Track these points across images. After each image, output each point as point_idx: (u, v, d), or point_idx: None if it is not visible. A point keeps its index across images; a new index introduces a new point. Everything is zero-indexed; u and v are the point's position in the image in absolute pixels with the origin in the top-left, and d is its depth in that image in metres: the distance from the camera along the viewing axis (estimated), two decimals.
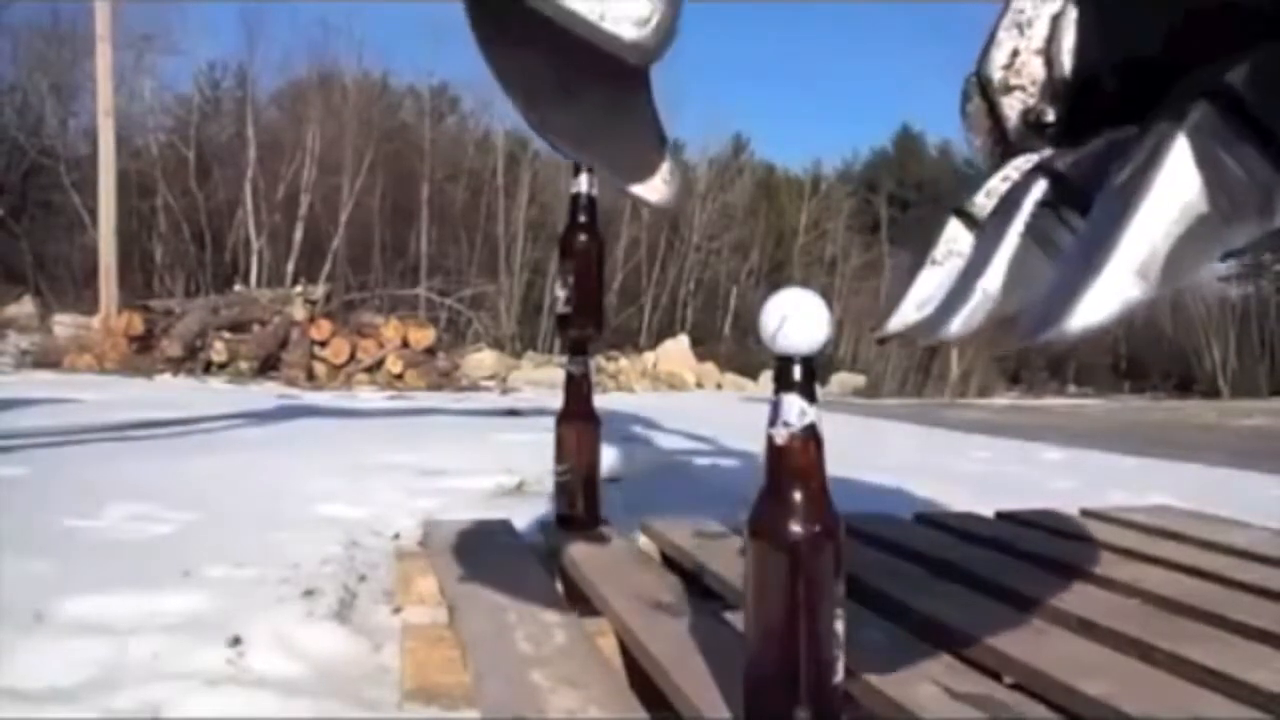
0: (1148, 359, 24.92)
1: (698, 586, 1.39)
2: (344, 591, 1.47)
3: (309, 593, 1.43)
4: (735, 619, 1.15)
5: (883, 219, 26.72)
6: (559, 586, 1.37)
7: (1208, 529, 1.79)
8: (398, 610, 1.40)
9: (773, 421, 0.78)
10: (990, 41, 0.63)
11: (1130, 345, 25.59)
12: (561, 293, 1.73)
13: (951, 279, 0.78)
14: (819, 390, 0.80)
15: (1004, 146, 0.69)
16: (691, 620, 1.18)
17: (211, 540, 1.77)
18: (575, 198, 1.73)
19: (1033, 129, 0.66)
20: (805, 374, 0.78)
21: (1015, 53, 0.63)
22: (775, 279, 21.17)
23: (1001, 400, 15.39)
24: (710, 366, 15.53)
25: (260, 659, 1.17)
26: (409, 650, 1.15)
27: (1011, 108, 0.67)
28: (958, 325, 0.69)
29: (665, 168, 0.72)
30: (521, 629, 1.15)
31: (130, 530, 1.87)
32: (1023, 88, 0.66)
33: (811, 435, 0.78)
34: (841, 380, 16.01)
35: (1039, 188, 0.69)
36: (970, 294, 0.68)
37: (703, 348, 17.21)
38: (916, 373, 15.96)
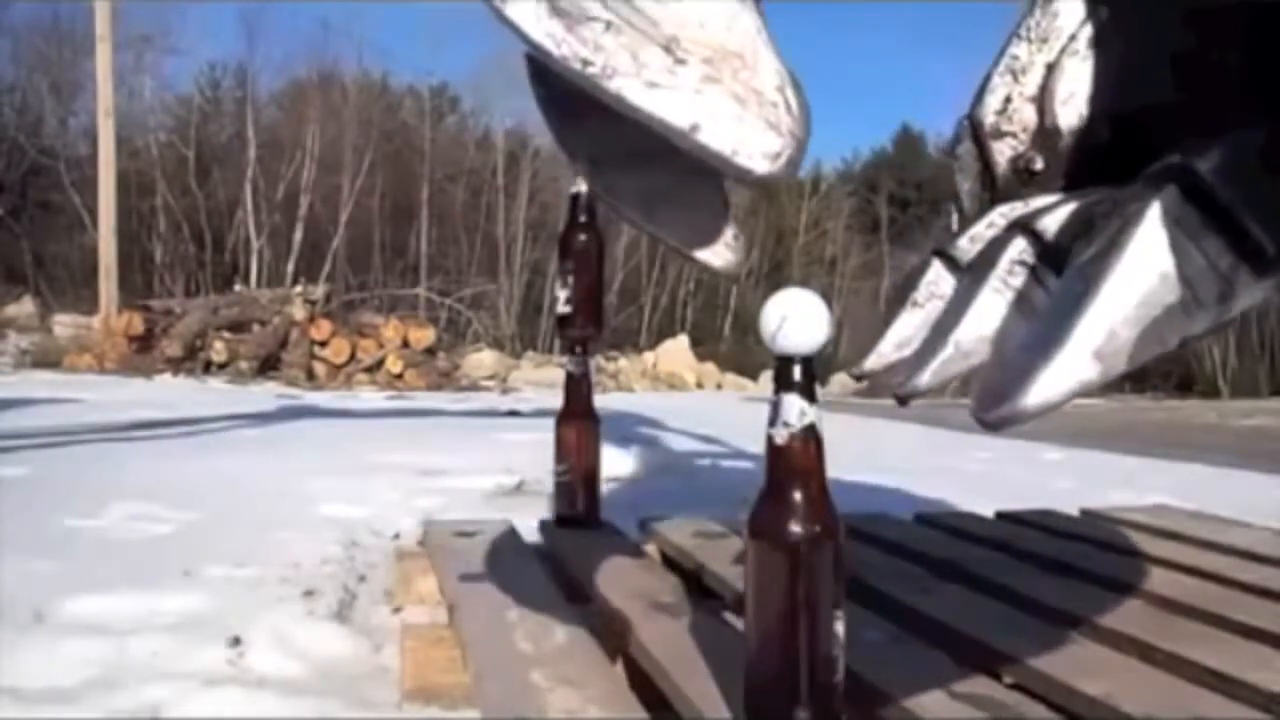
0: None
1: (698, 586, 1.39)
2: (344, 591, 1.47)
3: (309, 593, 1.43)
4: (735, 619, 1.15)
5: (883, 219, 26.73)
6: (559, 586, 1.37)
7: (1208, 529, 1.79)
8: (398, 610, 1.40)
9: (773, 421, 0.78)
10: (984, 86, 0.64)
11: None
12: (561, 293, 1.73)
13: (930, 322, 0.79)
14: (819, 390, 0.80)
15: (992, 191, 0.70)
16: (691, 620, 1.18)
17: (211, 540, 1.77)
18: (575, 198, 1.73)
19: (1021, 176, 0.67)
20: (805, 374, 0.78)
21: (1008, 99, 0.64)
22: (775, 279, 21.17)
23: None
24: (710, 366, 15.52)
25: (260, 659, 1.17)
26: (409, 650, 1.15)
27: (1001, 153, 0.68)
28: (928, 377, 0.70)
29: (729, 232, 0.72)
30: (521, 629, 1.15)
31: (130, 530, 1.87)
32: (1014, 134, 0.67)
33: (812, 435, 0.78)
34: (841, 380, 16.00)
35: (1017, 245, 0.71)
36: (943, 346, 0.69)
37: (703, 348, 17.21)
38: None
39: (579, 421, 1.74)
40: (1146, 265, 0.59)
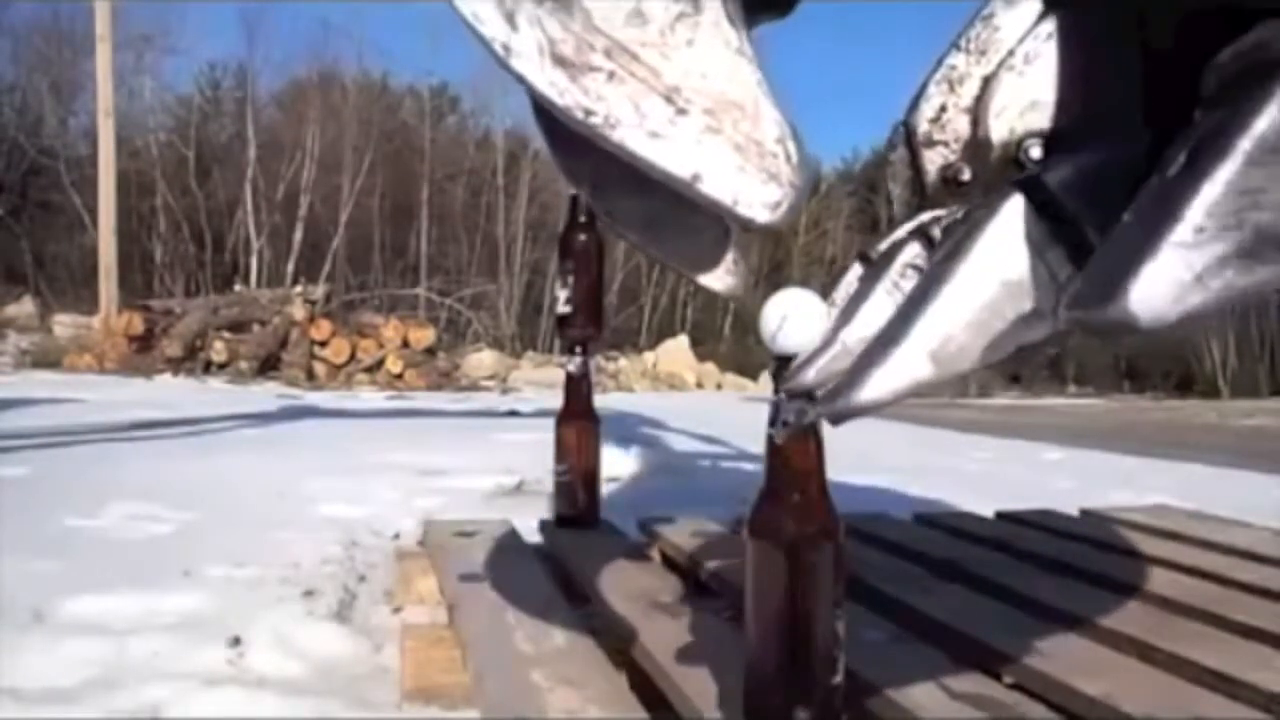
0: (1147, 359, 24.92)
1: (698, 586, 1.39)
2: (344, 591, 1.47)
3: (309, 593, 1.43)
4: (735, 619, 1.15)
5: (883, 219, 26.74)
6: (559, 586, 1.37)
7: (1208, 529, 1.79)
8: (398, 610, 1.40)
9: (773, 421, 0.78)
10: (920, 94, 0.64)
11: (1130, 345, 25.61)
12: (562, 293, 1.74)
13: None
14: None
15: (920, 199, 0.70)
16: (691, 620, 1.18)
17: (211, 540, 1.77)
18: (575, 198, 1.73)
19: (949, 185, 0.68)
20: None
21: (943, 108, 0.64)
22: (775, 279, 21.16)
23: (1001, 400, 15.37)
24: (710, 366, 15.52)
25: (260, 659, 1.17)
26: (409, 650, 1.15)
27: (932, 162, 0.69)
28: (813, 374, 0.71)
29: (730, 257, 0.73)
30: (521, 629, 1.15)
31: (130, 530, 1.87)
32: (946, 143, 0.68)
33: (811, 435, 0.78)
34: None
35: (911, 249, 0.73)
36: (832, 344, 0.71)
37: (703, 348, 17.20)
38: None
39: (579, 421, 1.74)
40: (986, 272, 0.62)
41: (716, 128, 0.57)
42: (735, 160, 0.57)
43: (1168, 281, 0.51)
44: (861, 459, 3.20)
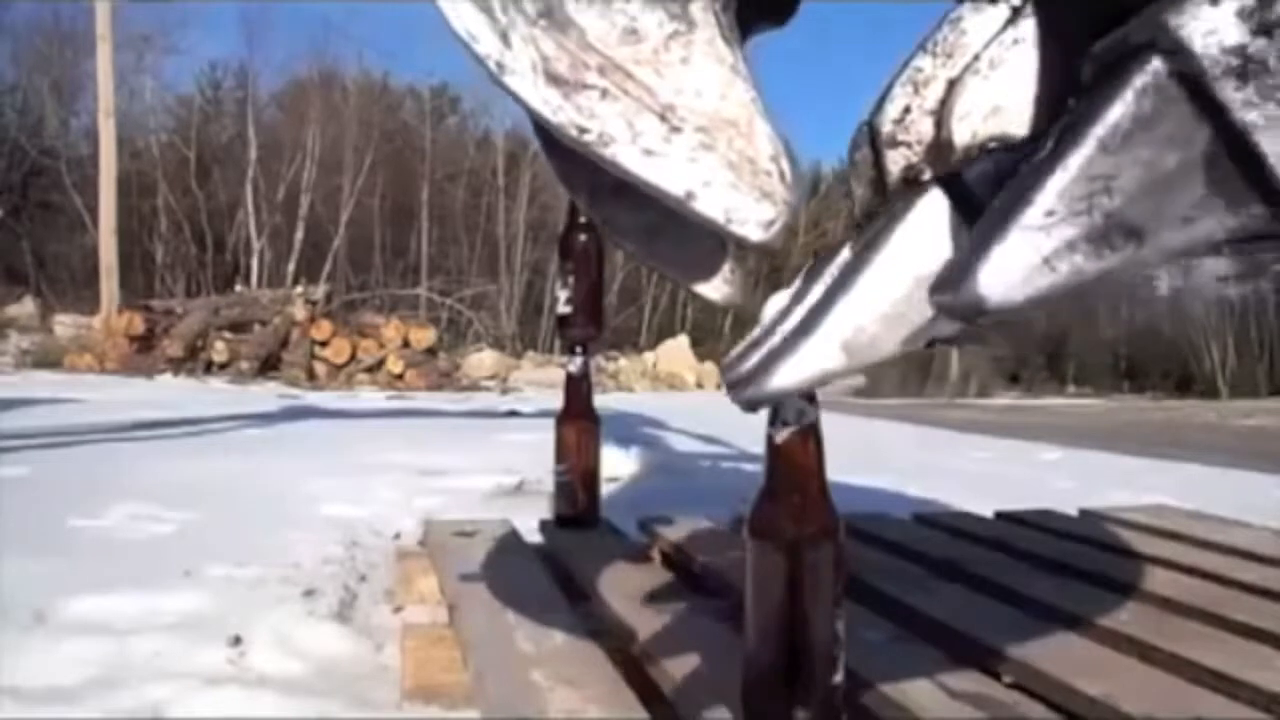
0: (1147, 359, 24.92)
1: (697, 586, 1.40)
2: (344, 591, 1.47)
3: (310, 592, 1.43)
4: (735, 619, 1.15)
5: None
6: (559, 586, 1.37)
7: (1208, 529, 1.79)
8: (398, 610, 1.40)
9: (772, 421, 0.78)
10: (885, 94, 0.65)
11: (1130, 345, 25.61)
12: (562, 293, 1.74)
13: None
14: (818, 390, 0.80)
15: (882, 199, 0.71)
16: (691, 620, 1.18)
17: (212, 540, 1.78)
18: None
19: (910, 186, 0.68)
20: None
21: (907, 109, 0.65)
22: (775, 280, 21.16)
23: (1001, 400, 15.38)
24: (710, 366, 15.50)
25: (261, 658, 1.17)
26: (409, 650, 1.15)
27: (895, 163, 0.69)
28: (748, 367, 0.72)
29: (727, 266, 0.73)
30: (521, 629, 1.15)
31: (131, 530, 1.87)
32: (909, 145, 0.68)
33: (811, 435, 0.78)
34: (842, 380, 15.99)
35: (849, 248, 0.73)
36: (770, 337, 0.72)
37: (703, 348, 17.20)
38: (916, 373, 15.97)
39: (579, 421, 1.74)
40: (900, 264, 0.63)
41: (710, 145, 0.57)
42: (729, 178, 0.57)
43: (1016, 264, 0.51)
44: (861, 459, 3.20)
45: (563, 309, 1.74)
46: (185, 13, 20.11)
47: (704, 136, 0.57)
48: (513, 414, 6.09)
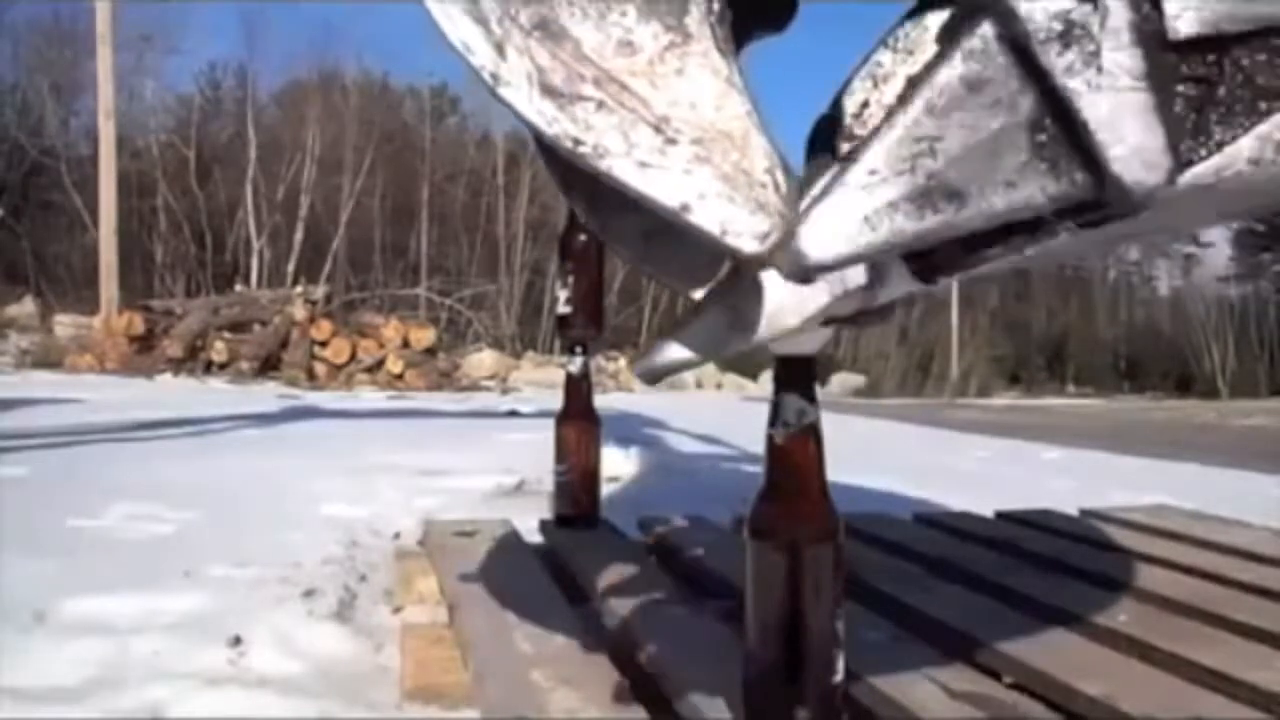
0: (1147, 359, 24.94)
1: (697, 586, 1.40)
2: (344, 591, 1.47)
3: (309, 592, 1.43)
4: (735, 619, 1.15)
5: None
6: (559, 586, 1.37)
7: (1208, 529, 1.80)
8: (398, 610, 1.40)
9: (773, 421, 0.78)
10: (844, 89, 0.65)
11: (1130, 345, 25.62)
12: (562, 293, 1.74)
13: None
14: (817, 389, 0.80)
15: None
16: (691, 620, 1.18)
17: (212, 540, 1.78)
18: None
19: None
20: (805, 374, 0.78)
21: (865, 104, 0.65)
22: None
23: (1001, 400, 15.38)
24: (710, 366, 15.52)
25: (261, 659, 1.17)
26: (409, 650, 1.15)
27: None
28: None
29: (724, 272, 0.74)
30: (521, 629, 1.15)
31: (131, 530, 1.87)
32: (865, 139, 0.69)
33: (811, 435, 0.78)
34: (841, 380, 16.01)
35: None
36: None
37: None
38: (916, 372, 15.98)
39: (579, 421, 1.74)
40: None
41: (705, 157, 0.57)
42: (724, 190, 0.57)
43: (837, 223, 0.52)
44: (862, 459, 3.20)
45: (563, 309, 1.74)
46: (185, 13, 20.12)
47: (699, 149, 0.57)
48: (513, 414, 6.09)
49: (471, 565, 1.46)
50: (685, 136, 0.57)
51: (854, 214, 0.52)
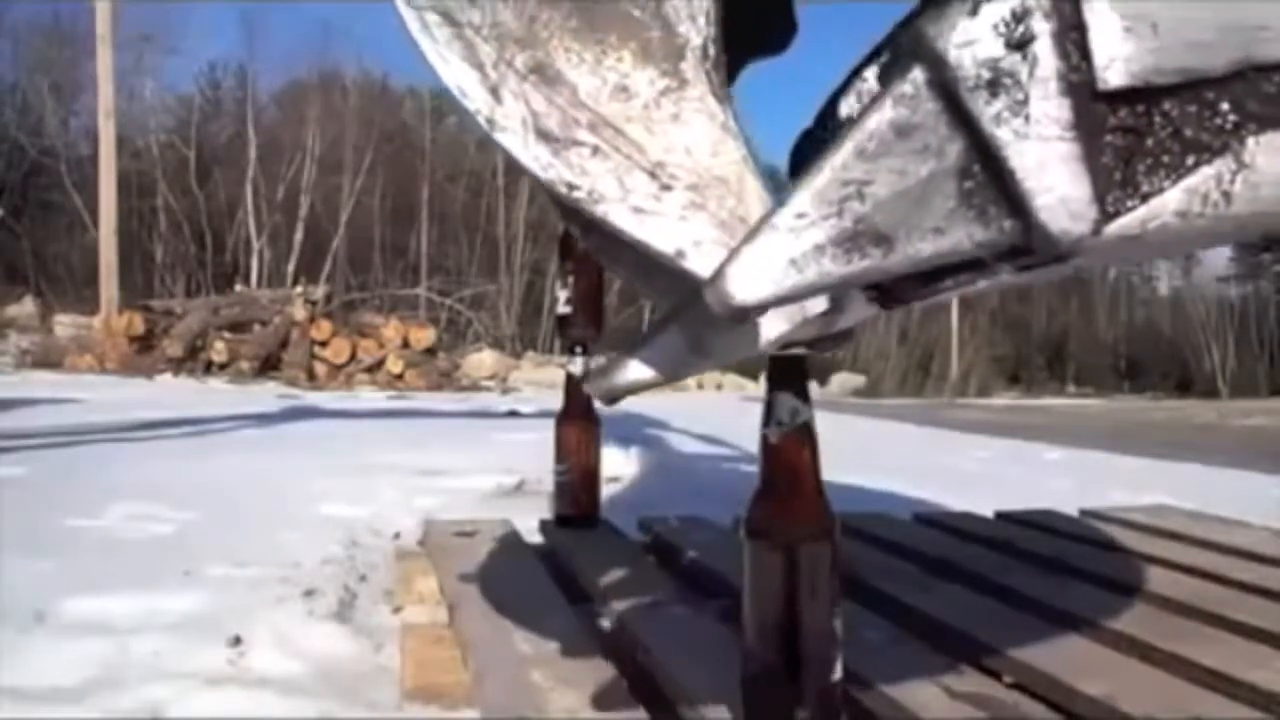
0: (1147, 359, 24.94)
1: (696, 586, 1.40)
2: (344, 591, 1.47)
3: (309, 592, 1.43)
4: (735, 619, 1.15)
5: None
6: (559, 586, 1.37)
7: (1208, 529, 1.80)
8: (398, 610, 1.40)
9: (766, 421, 0.78)
10: (829, 104, 0.65)
11: (1130, 345, 25.63)
12: (562, 293, 1.74)
13: None
14: (818, 389, 0.80)
15: None
16: (691, 620, 1.18)
17: (212, 540, 1.78)
18: None
19: None
20: (798, 373, 0.78)
21: (850, 119, 0.65)
22: None
23: (1001, 400, 15.38)
24: None
25: (261, 658, 1.17)
26: (409, 650, 1.15)
27: None
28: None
29: None
30: (521, 629, 1.15)
31: (131, 530, 1.87)
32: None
33: (805, 434, 0.78)
34: (841, 380, 16.02)
35: None
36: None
37: None
38: (916, 372, 15.98)
39: (579, 421, 1.74)
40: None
41: (701, 204, 0.57)
42: (720, 236, 0.57)
43: (763, 265, 0.52)
44: (861, 459, 3.20)
45: (563, 309, 1.74)
46: (185, 13, 20.13)
47: (694, 195, 0.57)
48: (513, 414, 6.09)
49: (471, 565, 1.46)
50: (681, 182, 0.57)
51: (780, 257, 0.52)
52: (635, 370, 0.67)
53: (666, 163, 0.57)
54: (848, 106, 0.65)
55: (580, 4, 0.58)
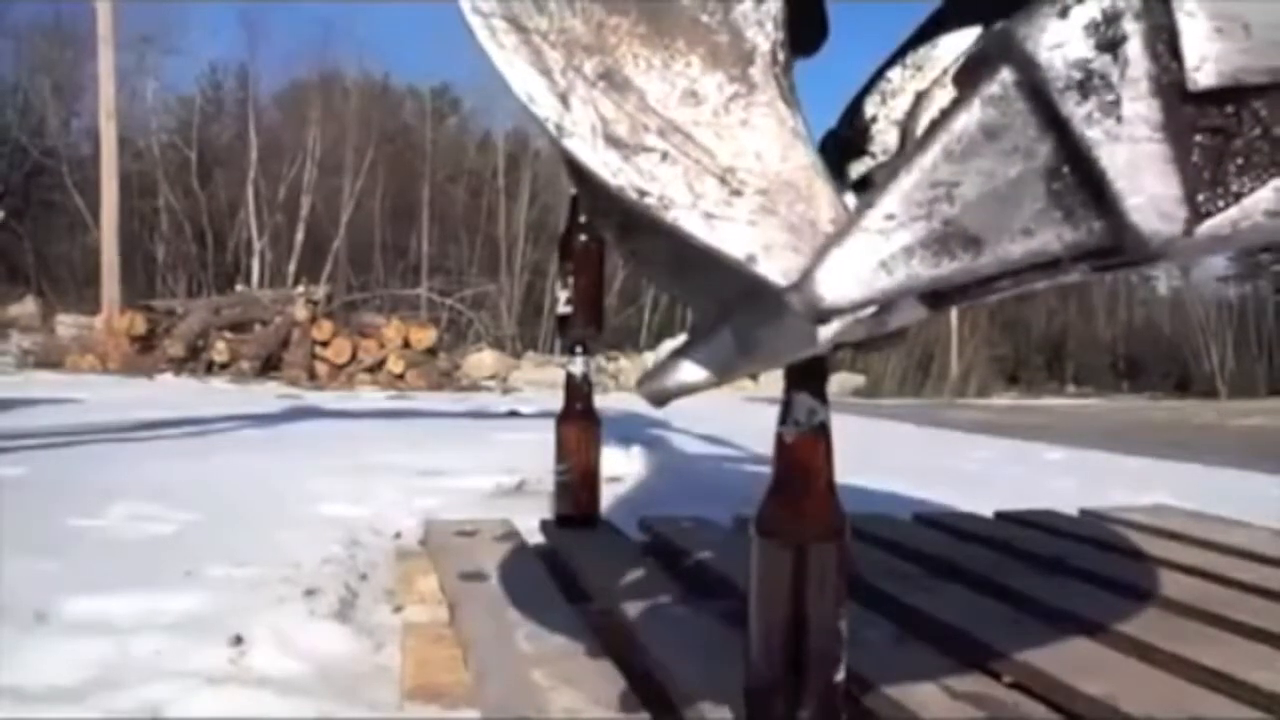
0: (1147, 359, 24.93)
1: (698, 585, 1.40)
2: (345, 591, 1.47)
3: (310, 592, 1.43)
4: (736, 619, 1.15)
5: None
6: (559, 586, 1.37)
7: (1208, 529, 1.79)
8: (398, 609, 1.40)
9: (783, 420, 0.78)
10: (854, 105, 0.65)
11: (1129, 345, 25.62)
12: (562, 293, 1.74)
13: None
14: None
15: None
16: (691, 620, 1.18)
17: (213, 540, 1.78)
18: (576, 199, 1.73)
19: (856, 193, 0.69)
20: (817, 373, 0.78)
21: (874, 119, 0.65)
22: None
23: (1001, 400, 15.38)
24: None
25: (261, 658, 1.17)
26: (409, 649, 1.15)
27: (855, 171, 0.69)
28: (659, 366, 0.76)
29: None
30: (521, 629, 1.15)
31: (132, 530, 1.87)
32: (873, 154, 0.69)
33: (821, 434, 0.78)
34: (841, 380, 16.00)
35: None
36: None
37: None
38: (916, 372, 15.97)
39: (579, 421, 1.74)
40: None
41: (771, 208, 0.57)
42: (790, 240, 0.57)
43: (853, 267, 0.52)
44: (863, 459, 3.20)
45: (563, 309, 1.74)
46: (185, 13, 20.14)
47: (765, 199, 0.57)
48: (513, 414, 6.09)
49: (472, 565, 1.46)
50: (750, 187, 0.57)
51: (870, 259, 0.52)
52: (687, 372, 0.67)
53: (736, 168, 0.57)
54: (872, 107, 0.65)
55: (648, 9, 0.58)
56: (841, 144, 0.68)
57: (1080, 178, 0.50)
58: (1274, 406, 12.58)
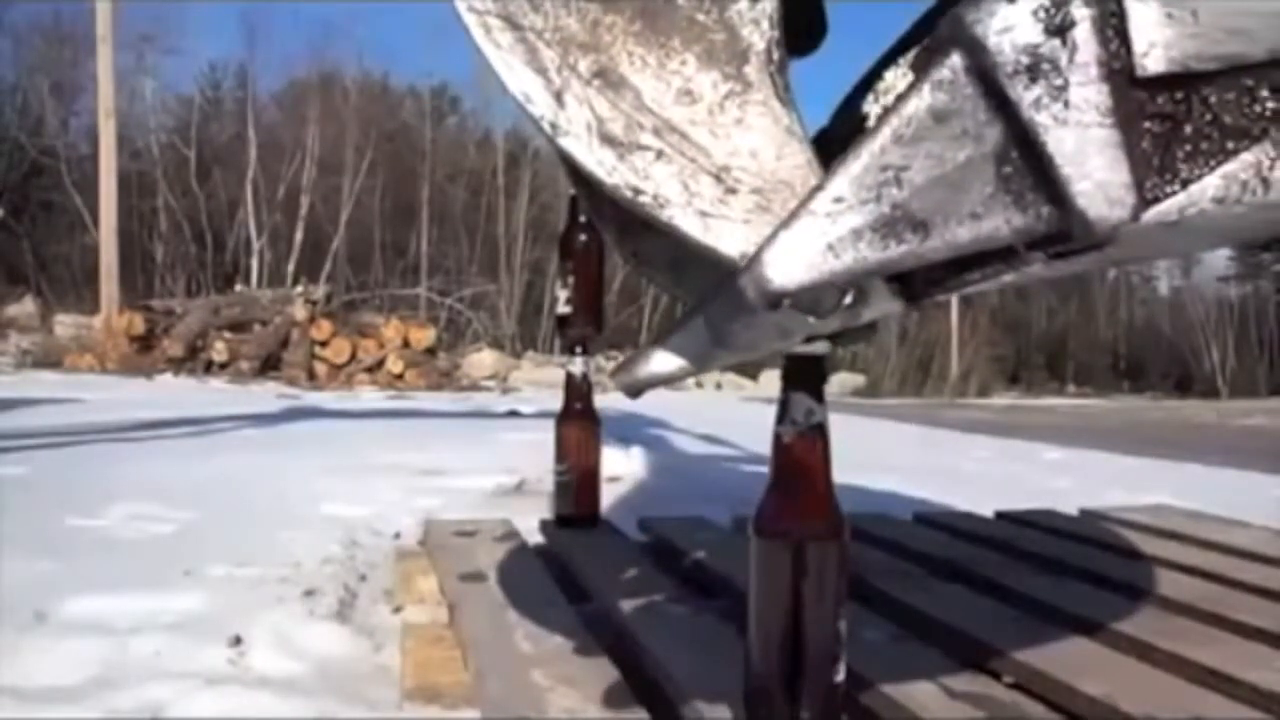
0: (1147, 359, 24.95)
1: (697, 585, 1.40)
2: (344, 591, 1.47)
3: (309, 592, 1.43)
4: (735, 619, 1.15)
5: None
6: (559, 586, 1.37)
7: (1208, 529, 1.79)
8: (398, 610, 1.40)
9: (781, 419, 0.78)
10: (845, 103, 0.65)
11: (1129, 345, 25.64)
12: (562, 293, 1.74)
13: None
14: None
15: None
16: (691, 619, 1.18)
17: (212, 540, 1.78)
18: (575, 198, 1.73)
19: None
20: (815, 373, 0.78)
21: (865, 117, 0.65)
22: None
23: (1001, 400, 15.38)
24: None
25: (261, 658, 1.17)
26: (409, 650, 1.15)
27: None
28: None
29: None
30: (521, 629, 1.15)
31: (131, 530, 1.87)
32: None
33: (819, 434, 0.78)
34: (841, 380, 16.01)
35: None
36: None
37: None
38: (916, 372, 15.97)
39: (579, 421, 1.74)
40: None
41: (766, 207, 0.57)
42: None
43: (800, 250, 0.52)
44: (862, 459, 3.20)
45: (563, 309, 1.74)
46: (185, 13, 20.13)
47: (760, 198, 0.57)
48: (513, 414, 6.08)
49: (471, 565, 1.46)
50: (745, 186, 0.57)
51: (818, 241, 0.52)
52: (659, 362, 0.66)
53: (731, 166, 0.57)
54: (865, 105, 0.65)
55: (643, 7, 0.58)
56: (834, 143, 0.68)
57: (1028, 162, 0.50)
58: (1275, 406, 12.59)
